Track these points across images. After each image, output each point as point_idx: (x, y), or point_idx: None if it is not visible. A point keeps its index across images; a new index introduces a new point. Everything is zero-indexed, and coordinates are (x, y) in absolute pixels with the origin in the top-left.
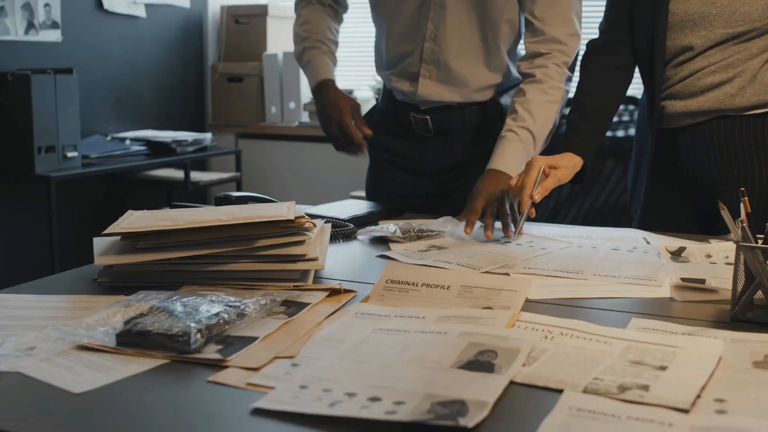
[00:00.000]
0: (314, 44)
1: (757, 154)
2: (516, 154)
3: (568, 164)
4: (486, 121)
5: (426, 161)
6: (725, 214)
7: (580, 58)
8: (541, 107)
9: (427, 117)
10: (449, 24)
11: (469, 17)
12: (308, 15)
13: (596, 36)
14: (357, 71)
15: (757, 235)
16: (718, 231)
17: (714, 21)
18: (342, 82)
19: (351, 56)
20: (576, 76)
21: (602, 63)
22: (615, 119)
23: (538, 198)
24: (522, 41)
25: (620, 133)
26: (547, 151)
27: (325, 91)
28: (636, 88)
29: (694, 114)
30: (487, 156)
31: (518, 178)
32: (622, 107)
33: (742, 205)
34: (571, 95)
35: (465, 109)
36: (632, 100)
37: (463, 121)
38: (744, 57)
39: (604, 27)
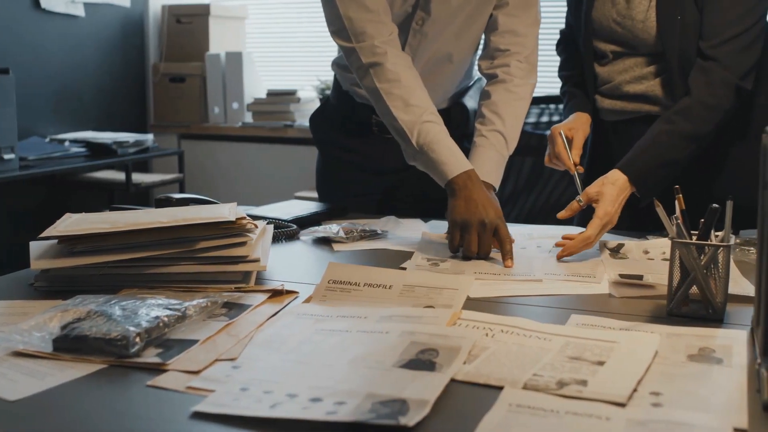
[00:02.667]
0: (433, 119)
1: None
2: (491, 159)
3: (583, 120)
4: (450, 121)
5: (387, 160)
6: (660, 211)
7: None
8: (508, 107)
9: None
10: (427, 50)
11: (446, 42)
12: (399, 70)
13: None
14: (300, 71)
15: (692, 232)
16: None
17: (620, 40)
18: (285, 82)
19: (294, 56)
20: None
21: (575, 51)
22: (556, 118)
23: (578, 159)
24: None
25: None
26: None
27: (476, 183)
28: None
29: (619, 112)
30: None
31: (548, 156)
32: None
33: (677, 202)
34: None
35: None
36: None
37: None
38: (655, 71)
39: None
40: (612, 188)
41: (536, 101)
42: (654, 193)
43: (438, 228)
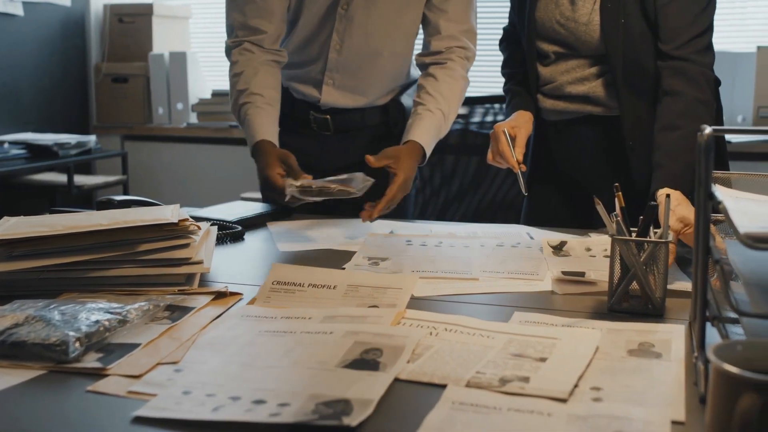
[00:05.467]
0: (250, 99)
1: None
2: (432, 131)
3: (526, 118)
4: (387, 120)
5: (325, 158)
6: (600, 208)
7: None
8: (451, 89)
9: (328, 117)
10: (355, 36)
11: (376, 30)
12: (244, 64)
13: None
14: None
15: (632, 229)
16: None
17: (562, 41)
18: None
19: None
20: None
21: (518, 49)
22: (500, 117)
23: (521, 157)
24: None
25: None
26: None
27: (258, 152)
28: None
29: (561, 112)
30: None
31: (491, 153)
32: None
33: (616, 199)
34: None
35: (366, 110)
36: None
37: (364, 120)
38: (597, 72)
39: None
40: (686, 204)
41: (481, 101)
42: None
43: (384, 227)
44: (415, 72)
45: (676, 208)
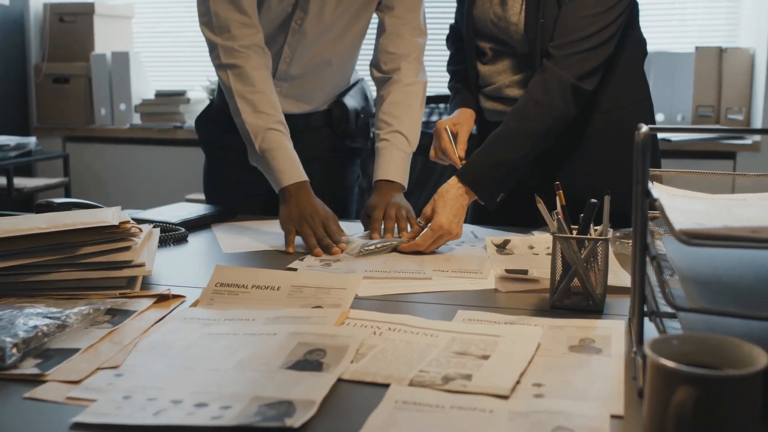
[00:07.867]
0: (278, 127)
1: (564, 155)
2: (395, 159)
3: (467, 115)
4: (330, 121)
5: None
6: (541, 207)
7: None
8: (403, 106)
9: None
10: (306, 49)
11: (326, 45)
12: (263, 82)
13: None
14: (190, 71)
15: (573, 227)
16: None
17: (497, 39)
18: (174, 83)
19: (183, 56)
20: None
21: (463, 46)
22: (446, 117)
23: (463, 153)
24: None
25: None
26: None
27: (307, 193)
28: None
29: (501, 113)
30: (334, 153)
31: (433, 150)
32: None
33: (557, 198)
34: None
35: (311, 115)
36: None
37: (308, 123)
38: (533, 74)
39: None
40: (442, 201)
41: (426, 101)
42: (496, 195)
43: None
44: (357, 74)
45: (436, 216)
